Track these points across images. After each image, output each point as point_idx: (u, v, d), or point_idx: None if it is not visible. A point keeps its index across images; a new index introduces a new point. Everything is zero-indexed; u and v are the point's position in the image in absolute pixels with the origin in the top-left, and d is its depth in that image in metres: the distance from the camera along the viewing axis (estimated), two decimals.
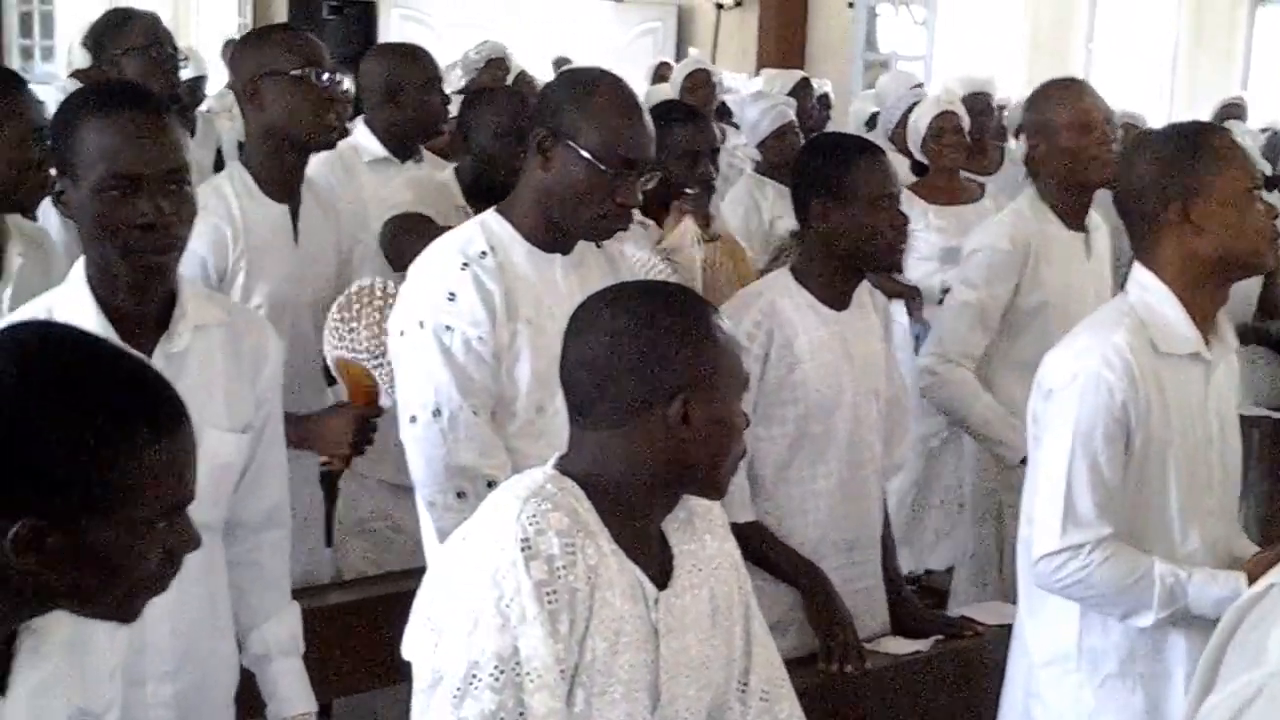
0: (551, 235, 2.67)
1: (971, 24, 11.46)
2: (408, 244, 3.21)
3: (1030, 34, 11.00)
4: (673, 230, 3.69)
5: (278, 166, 3.17)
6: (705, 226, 3.90)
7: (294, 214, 3.21)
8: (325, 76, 3.15)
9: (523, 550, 1.87)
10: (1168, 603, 2.47)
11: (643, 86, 8.09)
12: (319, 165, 3.97)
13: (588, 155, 2.57)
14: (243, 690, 2.51)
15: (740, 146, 6.56)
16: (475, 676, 1.86)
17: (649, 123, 2.64)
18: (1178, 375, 2.53)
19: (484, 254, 2.64)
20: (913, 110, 5.74)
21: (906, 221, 3.03)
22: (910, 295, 5.17)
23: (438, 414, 2.60)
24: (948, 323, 3.81)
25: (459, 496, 2.58)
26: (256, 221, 3.14)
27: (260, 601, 2.50)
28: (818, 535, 3.06)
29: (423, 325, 2.62)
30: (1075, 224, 3.78)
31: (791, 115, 5.81)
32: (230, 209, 3.12)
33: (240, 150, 3.44)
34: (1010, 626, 3.10)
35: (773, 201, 5.46)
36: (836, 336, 3.05)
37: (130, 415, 1.47)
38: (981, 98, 6.18)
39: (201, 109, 6.76)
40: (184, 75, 5.01)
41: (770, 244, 5.21)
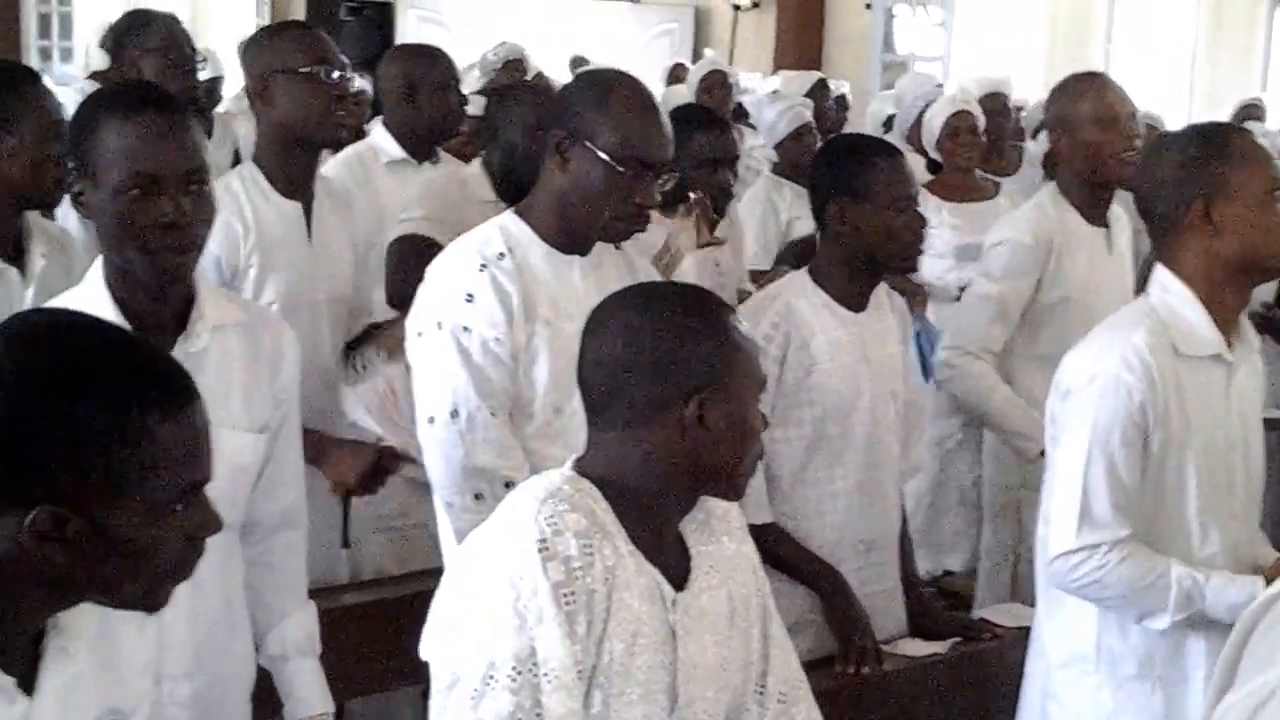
0: (569, 236, 2.67)
1: (989, 25, 11.43)
2: (410, 273, 3.22)
3: (1048, 35, 10.97)
4: (679, 229, 3.69)
5: (289, 164, 3.18)
6: (711, 229, 3.91)
7: (307, 211, 3.22)
8: (335, 74, 3.16)
9: (540, 551, 1.87)
10: (1184, 606, 2.45)
11: (658, 88, 8.08)
12: (337, 166, 3.99)
13: (605, 156, 2.57)
14: (260, 690, 2.52)
15: (757, 148, 6.55)
16: (492, 677, 1.86)
17: (666, 124, 2.64)
18: (1198, 377, 2.52)
19: (502, 255, 2.64)
20: (928, 109, 5.73)
21: (924, 223, 3.03)
22: (913, 292, 5.17)
23: (455, 415, 2.60)
24: (968, 316, 3.79)
25: (476, 498, 2.58)
26: (268, 218, 3.14)
27: (277, 602, 2.50)
28: (835, 537, 3.05)
29: (440, 326, 2.62)
30: (1097, 219, 3.77)
31: (808, 116, 5.80)
32: (241, 206, 3.13)
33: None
34: (1028, 629, 3.10)
35: (790, 202, 5.46)
36: (854, 338, 3.04)
37: (140, 396, 1.47)
38: (998, 98, 6.17)
39: (218, 110, 6.78)
40: (201, 77, 5.02)
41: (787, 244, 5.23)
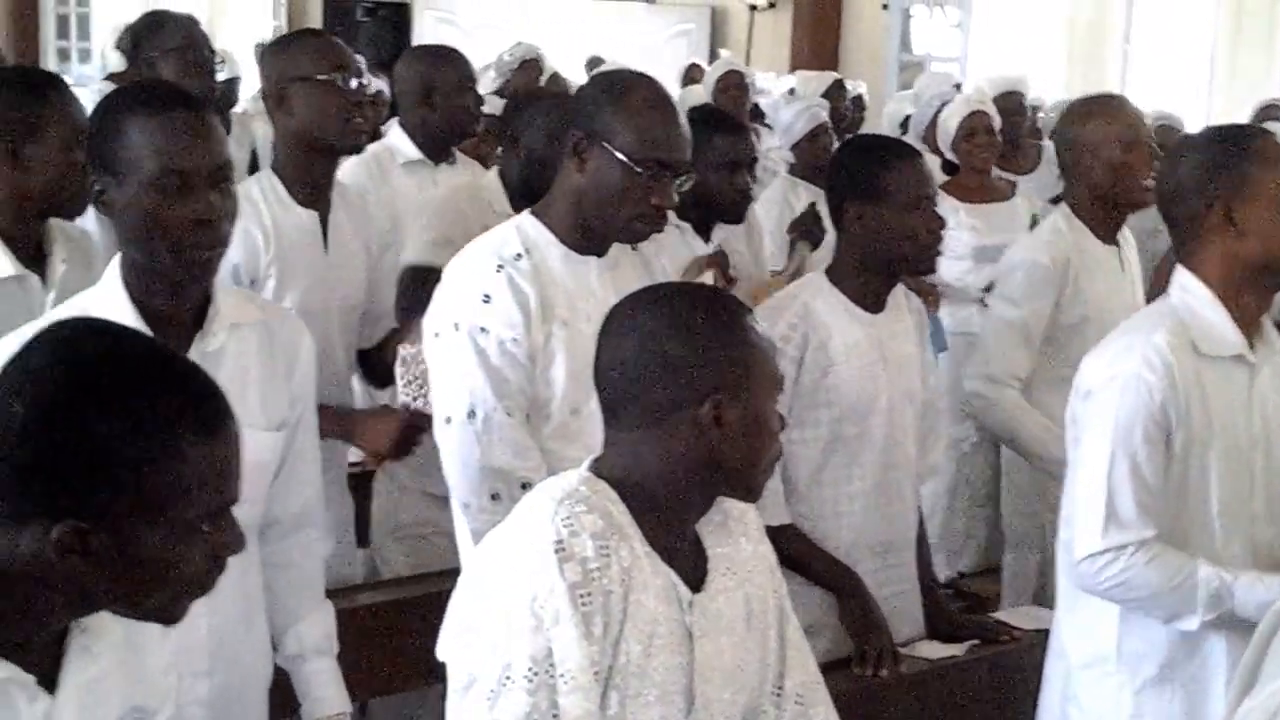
0: (586, 237, 2.67)
1: (1007, 25, 11.39)
2: (414, 305, 3.23)
3: (1067, 35, 10.93)
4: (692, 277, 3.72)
5: (307, 172, 3.18)
6: (728, 280, 3.91)
7: (324, 220, 3.22)
8: (353, 81, 3.15)
9: (556, 552, 1.87)
10: (1213, 606, 2.44)
11: (674, 89, 8.08)
12: (354, 167, 3.99)
13: (622, 157, 2.57)
14: (277, 689, 2.52)
15: (774, 149, 6.55)
16: (509, 678, 1.86)
17: (684, 124, 2.63)
18: (1220, 377, 2.51)
19: (519, 256, 2.64)
20: (943, 110, 5.72)
21: (943, 224, 3.02)
22: (926, 292, 5.16)
23: (472, 416, 2.60)
24: (992, 344, 3.75)
25: (493, 499, 2.58)
26: (286, 227, 3.14)
27: (294, 601, 2.50)
28: (852, 538, 3.04)
29: (458, 327, 2.62)
30: (1109, 239, 3.77)
31: (825, 117, 5.79)
32: (261, 215, 3.12)
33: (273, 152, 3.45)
34: (1046, 632, 3.09)
35: (806, 203, 5.45)
36: (871, 339, 3.03)
37: (177, 417, 1.47)
38: (1014, 97, 6.15)
39: (236, 110, 6.79)
40: (219, 77, 5.03)
41: None
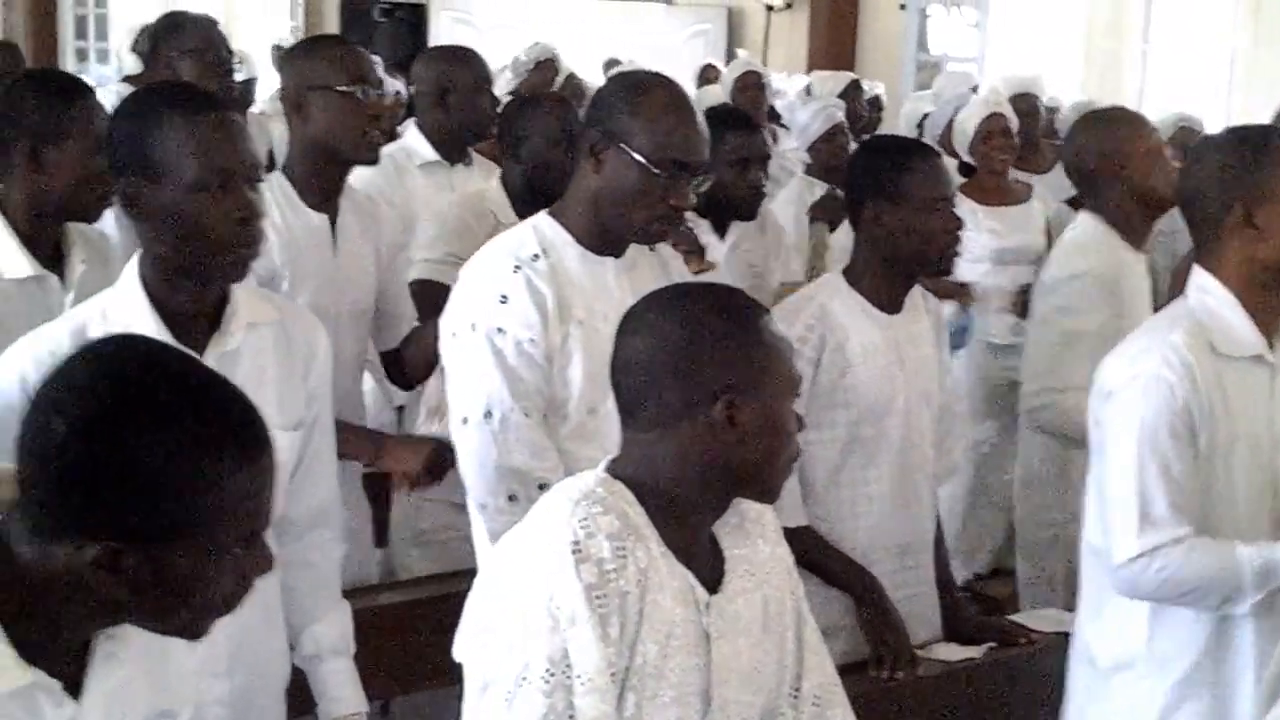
0: (603, 238, 2.67)
1: (1024, 25, 11.37)
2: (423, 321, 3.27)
3: (1085, 35, 10.90)
4: None
5: (319, 178, 3.17)
6: (700, 257, 3.89)
7: (333, 224, 3.22)
8: (371, 92, 3.15)
9: (573, 553, 1.87)
10: (1261, 583, 2.42)
11: (690, 89, 8.07)
12: (371, 168, 3.99)
13: (640, 158, 2.56)
14: (294, 689, 2.53)
15: (791, 149, 6.54)
16: (525, 679, 1.86)
17: (702, 125, 2.63)
18: (1240, 377, 2.50)
19: (536, 257, 2.64)
20: (959, 112, 5.71)
21: (961, 225, 3.01)
22: (960, 294, 5.15)
23: (489, 416, 2.60)
24: (1050, 356, 3.67)
25: (510, 499, 2.58)
26: (297, 231, 3.14)
27: (311, 601, 2.51)
28: (869, 540, 3.04)
29: (475, 328, 2.62)
30: (1140, 245, 3.78)
31: (841, 117, 5.79)
32: (273, 218, 3.12)
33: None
34: (1064, 634, 3.07)
35: None
36: (889, 340, 3.02)
37: (217, 442, 1.47)
38: (1028, 99, 6.13)
39: (252, 111, 6.80)
40: (236, 78, 5.04)
41: None
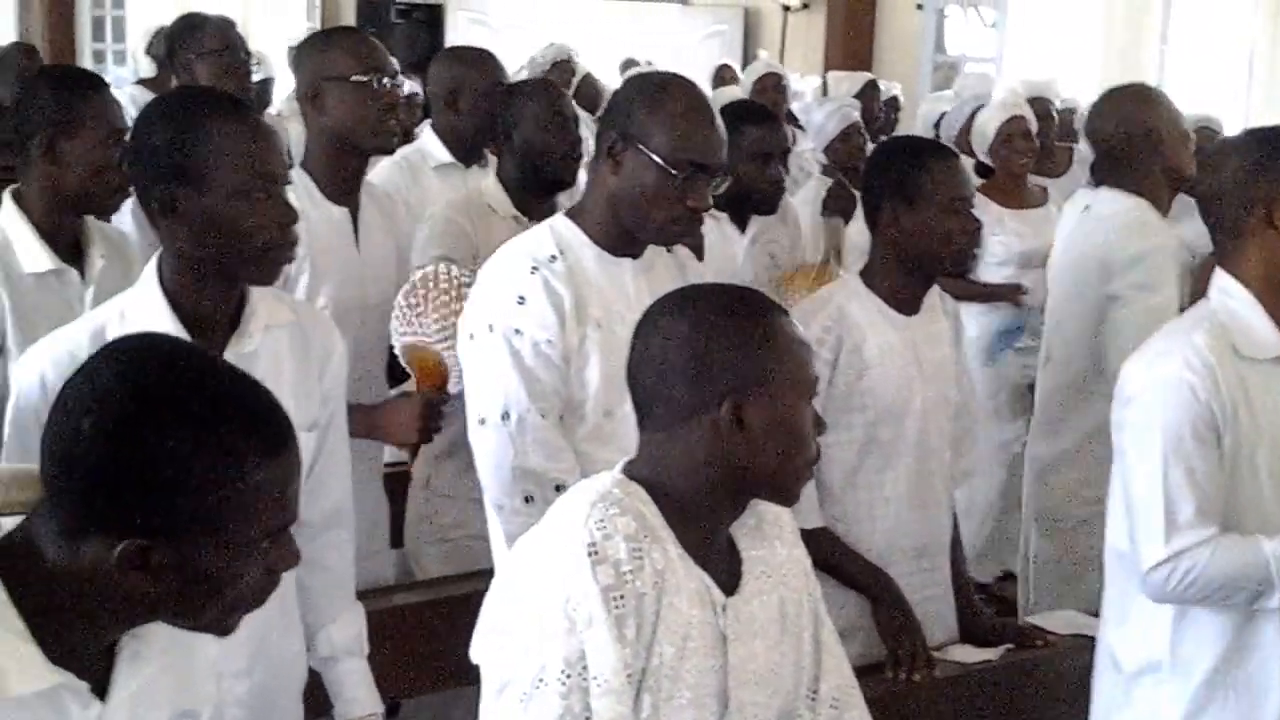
0: (621, 239, 2.67)
1: (1042, 26, 11.34)
2: None
3: (1103, 36, 10.85)
4: None
5: (338, 170, 3.18)
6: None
7: (354, 217, 3.22)
8: (387, 82, 3.16)
9: (590, 555, 1.86)
10: None
11: (706, 89, 8.06)
12: (386, 169, 4.00)
13: (658, 159, 2.56)
14: (309, 690, 2.53)
15: (807, 150, 6.54)
16: (542, 680, 1.86)
17: (720, 126, 2.62)
18: (1263, 379, 2.49)
19: (553, 258, 2.64)
20: (977, 114, 5.70)
21: (979, 226, 3.00)
22: (1011, 295, 5.15)
23: (506, 417, 2.60)
24: (1145, 333, 3.71)
25: (527, 500, 2.58)
26: (318, 225, 3.15)
27: (326, 602, 2.51)
28: (886, 542, 3.03)
29: (492, 329, 2.62)
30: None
31: (856, 116, 5.78)
32: None
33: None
34: (1082, 636, 3.07)
35: None
36: (906, 341, 3.02)
37: (242, 438, 1.48)
38: (1041, 103, 6.12)
39: (269, 112, 6.82)
40: (253, 78, 5.05)
41: None
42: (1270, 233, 2.49)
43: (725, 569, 2.00)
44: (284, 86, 7.22)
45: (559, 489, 2.42)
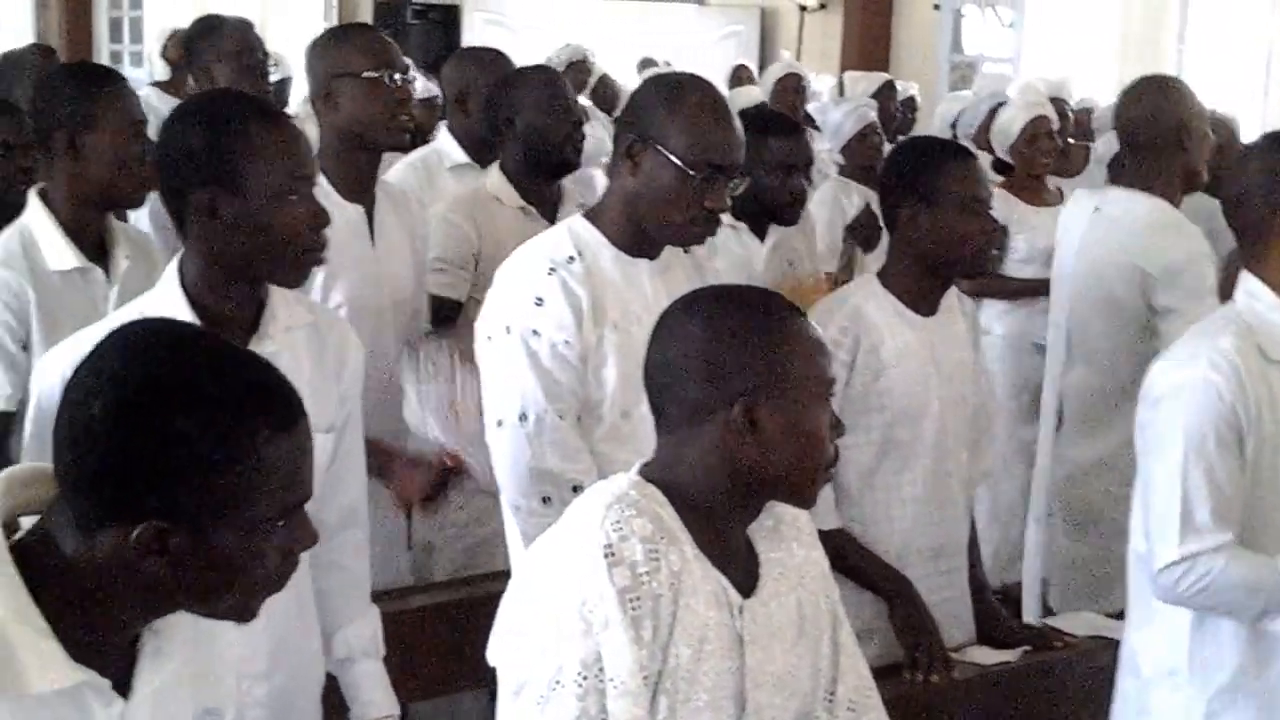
0: (638, 240, 2.67)
1: (1060, 25, 11.30)
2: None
3: (1120, 35, 10.82)
4: None
5: (352, 167, 3.18)
6: None
7: (369, 215, 3.23)
8: (398, 77, 3.16)
9: (606, 556, 1.86)
10: None
11: (722, 90, 8.05)
12: (402, 170, 4.00)
13: (676, 160, 2.56)
14: (325, 693, 2.53)
15: (824, 150, 6.53)
16: (558, 682, 1.86)
17: (738, 128, 2.62)
18: None
19: (571, 259, 2.64)
20: (998, 111, 5.68)
21: (997, 227, 3.00)
22: (1040, 291, 5.13)
23: (524, 418, 2.60)
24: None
25: (544, 501, 2.58)
26: (334, 223, 3.15)
27: (342, 604, 2.52)
28: (903, 543, 3.02)
29: (509, 330, 2.62)
30: None
31: (873, 116, 5.77)
32: None
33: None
34: (1100, 638, 3.06)
35: (857, 205, 5.43)
36: (923, 343, 3.01)
37: (253, 414, 1.47)
38: (1056, 103, 6.10)
39: (288, 111, 6.83)
40: (271, 78, 5.06)
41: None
42: None
43: (743, 571, 2.00)
44: (301, 87, 7.23)
45: (576, 490, 2.42)
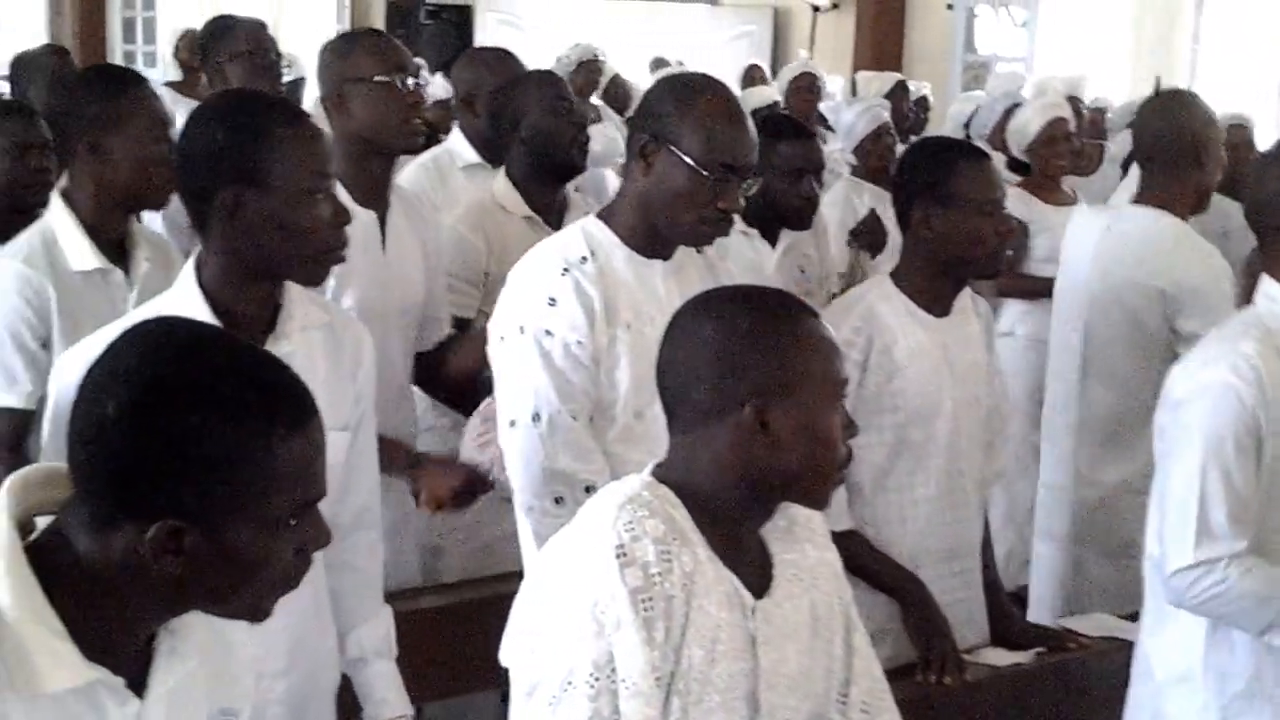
0: (652, 240, 2.66)
1: (1073, 25, 11.28)
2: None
3: (1134, 35, 10.80)
4: None
5: (365, 172, 3.17)
6: None
7: (382, 220, 3.22)
8: (410, 81, 3.16)
9: (618, 557, 1.86)
10: None
11: (734, 90, 8.05)
12: (414, 171, 4.00)
13: (689, 160, 2.56)
14: (337, 693, 2.53)
15: (836, 150, 6.53)
16: (571, 683, 1.86)
17: (751, 128, 2.62)
18: None
19: (584, 259, 2.64)
20: (1014, 111, 5.67)
21: (1011, 228, 2.99)
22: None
23: (537, 419, 2.60)
24: None
25: (557, 502, 2.58)
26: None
27: (355, 604, 2.52)
28: (916, 544, 3.02)
29: (523, 330, 2.62)
30: None
31: (886, 117, 5.77)
32: None
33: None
34: (1114, 639, 3.05)
35: (869, 204, 5.42)
36: (937, 343, 3.00)
37: (266, 412, 1.47)
38: (1072, 102, 6.09)
39: None
40: (284, 79, 5.07)
41: None
42: None
43: (755, 572, 2.00)
44: (313, 88, 7.23)
45: (589, 490, 2.42)
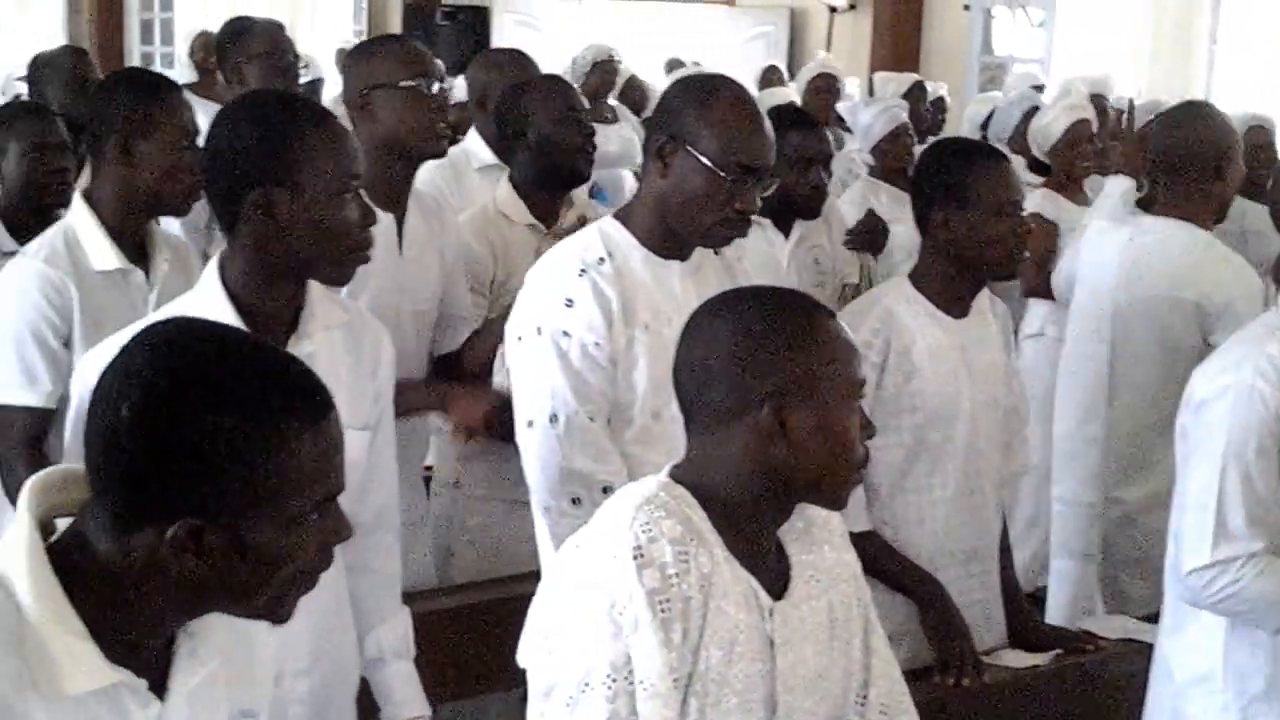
0: (669, 241, 2.66)
1: (1091, 26, 11.24)
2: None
3: (1152, 36, 10.76)
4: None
5: (387, 176, 3.17)
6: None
7: (399, 223, 3.23)
8: (435, 86, 3.16)
9: (635, 558, 1.86)
10: None
11: (752, 91, 8.04)
12: (430, 171, 3.99)
13: (707, 162, 2.56)
14: (360, 694, 2.54)
15: (854, 151, 6.53)
16: (588, 684, 1.86)
17: (769, 129, 2.62)
18: None
19: (602, 260, 2.64)
20: (1035, 113, 5.64)
21: (1029, 230, 2.98)
22: None
23: (554, 420, 2.60)
24: None
25: (574, 503, 2.58)
26: None
27: (374, 605, 2.52)
28: (934, 546, 3.01)
29: (540, 331, 2.63)
30: None
31: (904, 117, 5.76)
32: None
33: None
34: (1132, 641, 3.04)
35: (887, 206, 5.41)
36: (955, 344, 3.00)
37: (282, 408, 1.47)
38: (1098, 100, 6.06)
39: None
40: (301, 79, 5.08)
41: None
42: None
43: (773, 573, 1.99)
44: (331, 89, 7.25)
45: (606, 491, 2.42)
